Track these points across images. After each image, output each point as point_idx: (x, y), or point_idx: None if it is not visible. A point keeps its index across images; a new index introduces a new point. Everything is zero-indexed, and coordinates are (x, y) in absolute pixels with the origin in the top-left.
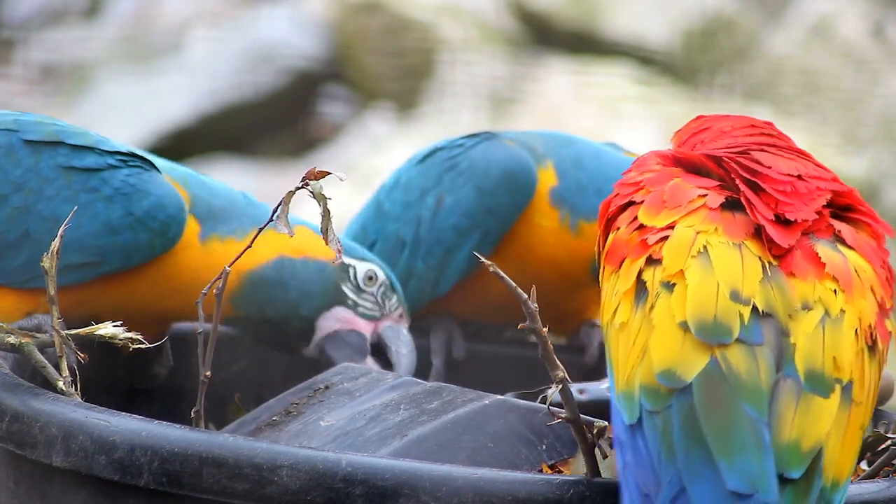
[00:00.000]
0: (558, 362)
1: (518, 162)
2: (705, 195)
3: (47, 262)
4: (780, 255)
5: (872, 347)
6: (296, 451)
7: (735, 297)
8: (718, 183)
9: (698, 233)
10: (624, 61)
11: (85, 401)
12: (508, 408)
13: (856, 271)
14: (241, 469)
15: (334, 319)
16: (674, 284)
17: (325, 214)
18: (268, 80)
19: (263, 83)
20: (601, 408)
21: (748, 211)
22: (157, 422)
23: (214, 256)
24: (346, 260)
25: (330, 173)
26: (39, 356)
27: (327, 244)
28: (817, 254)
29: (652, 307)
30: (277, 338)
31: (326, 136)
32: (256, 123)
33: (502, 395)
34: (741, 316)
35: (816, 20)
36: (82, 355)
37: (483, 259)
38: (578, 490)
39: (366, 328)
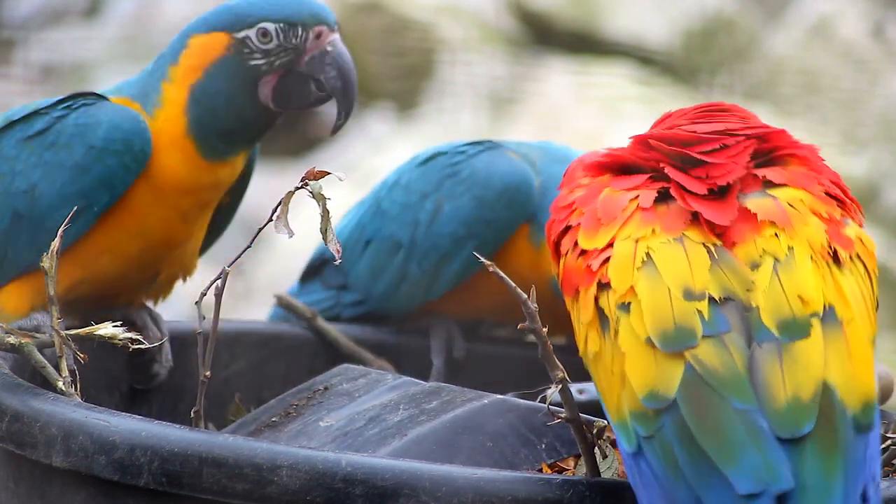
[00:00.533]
0: (558, 362)
1: (520, 175)
2: (636, 197)
3: (47, 262)
4: (721, 231)
5: (837, 260)
6: (296, 452)
7: (688, 295)
8: (649, 175)
9: (637, 241)
10: (624, 61)
11: (85, 401)
12: (508, 407)
13: (790, 205)
14: (241, 469)
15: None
16: (629, 304)
17: (325, 214)
18: None
19: None
20: (601, 407)
21: (681, 201)
22: (157, 422)
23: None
24: (240, 35)
25: (329, 173)
26: (39, 356)
27: (326, 244)
28: (748, 209)
29: (616, 332)
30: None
31: (326, 136)
32: None
33: (502, 395)
34: (700, 313)
35: (816, 20)
36: (82, 355)
37: (483, 259)
38: (578, 490)
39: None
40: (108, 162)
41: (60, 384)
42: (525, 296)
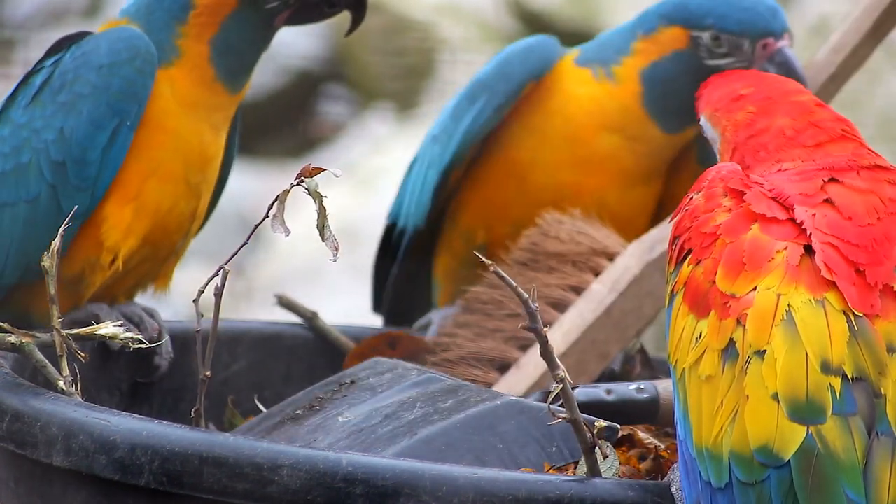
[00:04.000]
0: (559, 362)
1: (538, 41)
2: (784, 248)
3: (47, 262)
4: None
5: None
6: (296, 451)
7: (825, 368)
8: (797, 226)
9: (780, 295)
10: None
11: (85, 400)
12: (520, 409)
13: None
14: (241, 469)
15: None
16: (763, 352)
17: (321, 212)
18: (268, 79)
19: (263, 83)
20: (628, 409)
21: (826, 272)
22: (157, 421)
23: None
24: None
25: (325, 170)
26: (40, 356)
27: (323, 241)
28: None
29: (744, 372)
30: None
31: (326, 136)
32: (256, 123)
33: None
34: (832, 389)
35: (816, 20)
36: (82, 354)
37: (483, 259)
38: (578, 490)
39: None
40: (122, 72)
41: (61, 383)
42: (525, 295)
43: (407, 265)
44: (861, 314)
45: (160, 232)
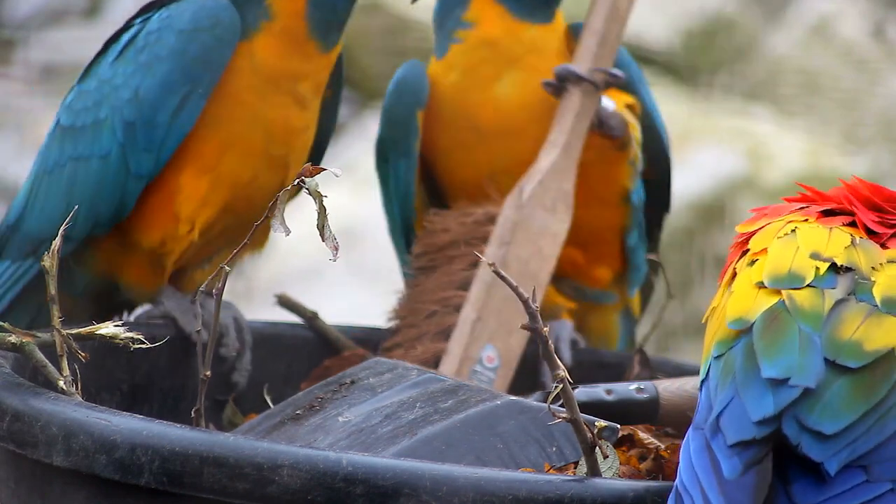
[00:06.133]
0: (559, 362)
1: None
2: (806, 206)
3: (48, 261)
4: (879, 241)
5: None
6: (296, 451)
7: (815, 256)
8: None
9: (789, 223)
10: None
11: (85, 400)
12: (520, 409)
13: None
14: (241, 469)
15: None
16: (756, 260)
17: (321, 212)
18: None
19: None
20: (628, 409)
21: (855, 214)
22: (157, 421)
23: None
24: None
25: (325, 170)
26: (40, 355)
27: (323, 241)
28: None
29: (733, 280)
30: None
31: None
32: None
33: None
34: (817, 269)
35: (816, 20)
36: (83, 354)
37: (482, 258)
38: (578, 490)
39: None
40: (201, 38)
41: (61, 383)
42: (526, 295)
43: None
44: (867, 238)
45: (244, 203)
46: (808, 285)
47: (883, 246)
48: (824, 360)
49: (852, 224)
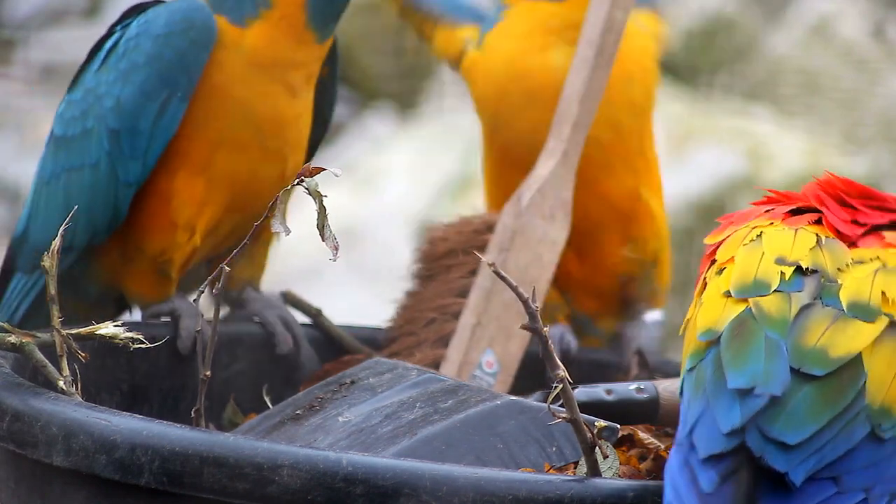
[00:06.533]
0: (559, 361)
1: None
2: (772, 209)
3: (48, 262)
4: (847, 241)
5: None
6: (296, 451)
7: (780, 261)
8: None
9: (753, 228)
10: None
11: (85, 400)
12: (520, 409)
13: None
14: (241, 469)
15: None
16: (724, 269)
17: (321, 212)
18: None
19: None
20: (628, 409)
21: (823, 213)
22: (157, 421)
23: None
24: None
25: (325, 169)
26: (40, 355)
27: (323, 241)
28: (883, 235)
29: (703, 292)
30: None
31: (326, 136)
32: None
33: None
34: (782, 274)
35: (816, 20)
36: (83, 354)
37: (482, 258)
38: (578, 490)
39: None
40: (175, 43)
41: (61, 383)
42: (526, 295)
43: None
44: (834, 238)
45: (248, 199)
46: (774, 290)
47: (853, 245)
48: (790, 370)
49: (819, 221)
